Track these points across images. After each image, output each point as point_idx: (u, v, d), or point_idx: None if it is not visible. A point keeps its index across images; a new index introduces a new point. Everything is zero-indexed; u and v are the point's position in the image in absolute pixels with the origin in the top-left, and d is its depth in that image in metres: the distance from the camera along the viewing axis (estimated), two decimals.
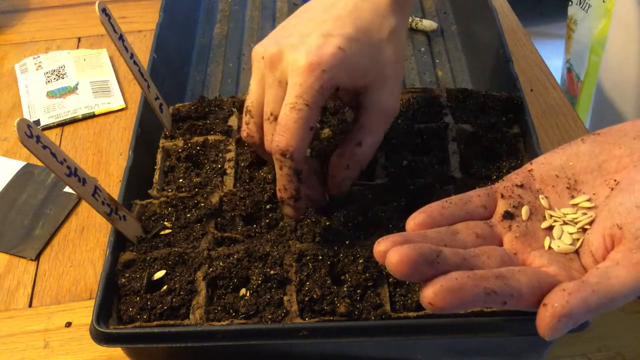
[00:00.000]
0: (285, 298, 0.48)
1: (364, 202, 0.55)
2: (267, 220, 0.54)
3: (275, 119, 0.49)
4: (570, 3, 1.23)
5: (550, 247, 0.41)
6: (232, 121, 0.63)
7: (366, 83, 0.50)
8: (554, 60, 1.31)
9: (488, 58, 0.74)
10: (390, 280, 0.49)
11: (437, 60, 0.82)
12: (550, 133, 0.74)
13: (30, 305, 0.60)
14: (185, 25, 0.84)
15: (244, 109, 0.54)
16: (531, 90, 0.79)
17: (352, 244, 0.51)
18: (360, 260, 0.50)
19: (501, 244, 0.42)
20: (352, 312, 0.47)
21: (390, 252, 0.36)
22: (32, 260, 0.63)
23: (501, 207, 0.43)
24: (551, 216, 0.43)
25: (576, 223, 0.41)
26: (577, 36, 1.22)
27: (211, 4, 0.89)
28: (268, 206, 0.55)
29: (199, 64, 0.80)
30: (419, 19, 0.84)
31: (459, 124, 0.61)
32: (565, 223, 0.42)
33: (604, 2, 1.12)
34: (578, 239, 0.41)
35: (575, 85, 1.25)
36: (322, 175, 0.54)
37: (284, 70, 0.49)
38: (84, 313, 0.59)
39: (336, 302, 0.48)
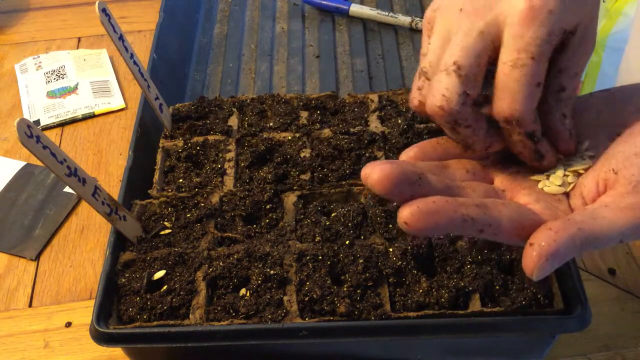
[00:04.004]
0: (285, 298, 0.48)
1: (364, 202, 0.55)
2: (267, 220, 0.54)
3: (459, 68, 0.41)
4: None
5: (540, 188, 0.41)
6: (232, 121, 0.63)
7: (579, 20, 0.41)
8: None
9: None
10: (390, 280, 0.49)
11: None
12: None
13: (30, 305, 0.60)
14: (185, 25, 0.84)
15: (418, 72, 0.44)
16: None
17: (352, 244, 0.51)
18: (360, 260, 0.50)
19: (492, 184, 0.42)
20: (352, 312, 0.47)
21: (373, 169, 0.35)
22: (32, 260, 0.63)
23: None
24: None
25: (569, 167, 0.41)
26: None
27: (211, 4, 0.89)
28: (268, 206, 0.55)
29: (199, 64, 0.80)
30: (419, 19, 0.84)
31: None
32: (558, 167, 0.42)
33: (604, 2, 1.12)
34: (570, 183, 0.41)
35: None
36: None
37: (495, 20, 0.40)
38: (84, 313, 0.59)
39: (336, 302, 0.48)
